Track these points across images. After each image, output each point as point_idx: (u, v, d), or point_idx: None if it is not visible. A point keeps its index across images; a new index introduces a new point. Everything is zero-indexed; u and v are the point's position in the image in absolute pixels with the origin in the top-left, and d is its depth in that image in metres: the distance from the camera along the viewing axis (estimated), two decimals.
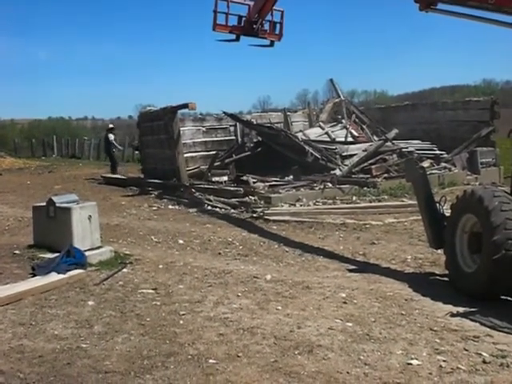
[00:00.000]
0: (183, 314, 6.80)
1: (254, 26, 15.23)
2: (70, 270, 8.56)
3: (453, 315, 6.62)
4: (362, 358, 5.42)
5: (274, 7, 15.04)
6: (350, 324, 6.40)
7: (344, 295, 7.52)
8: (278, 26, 15.84)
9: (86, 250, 9.33)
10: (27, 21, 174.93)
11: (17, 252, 10.06)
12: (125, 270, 9.06)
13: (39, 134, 58.21)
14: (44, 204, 10.24)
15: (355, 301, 7.29)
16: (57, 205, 9.90)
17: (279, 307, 7.05)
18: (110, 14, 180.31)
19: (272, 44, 15.99)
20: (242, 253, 10.46)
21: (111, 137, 27.33)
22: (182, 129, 20.56)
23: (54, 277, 8.28)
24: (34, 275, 8.50)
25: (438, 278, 8.44)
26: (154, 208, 16.53)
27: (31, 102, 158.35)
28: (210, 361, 5.40)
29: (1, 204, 14.48)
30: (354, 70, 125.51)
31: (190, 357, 5.50)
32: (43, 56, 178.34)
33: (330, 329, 6.24)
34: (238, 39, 15.56)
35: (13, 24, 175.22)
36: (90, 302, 7.32)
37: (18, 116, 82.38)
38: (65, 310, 7.02)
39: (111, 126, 30.43)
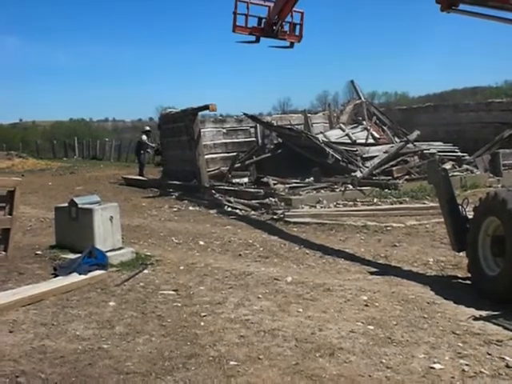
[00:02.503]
0: (204, 316, 6.80)
1: (274, 28, 15.24)
2: (91, 271, 8.62)
3: (475, 319, 6.54)
4: (383, 361, 5.38)
5: (294, 8, 15.04)
6: (371, 327, 6.36)
7: (365, 298, 7.47)
8: (297, 27, 15.83)
9: (107, 251, 9.38)
10: (48, 24, 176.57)
11: (39, 252, 10.15)
12: (146, 271, 9.09)
13: (61, 135, 58.83)
14: (66, 205, 10.32)
15: (377, 304, 7.23)
16: (79, 206, 9.97)
17: (300, 309, 7.02)
18: (130, 17, 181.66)
19: (292, 45, 15.98)
20: (263, 254, 10.43)
21: (144, 138, 27.30)
22: (202, 130, 20.61)
23: (75, 277, 8.33)
24: (56, 276, 8.58)
25: (460, 281, 8.33)
26: (175, 209, 16.59)
27: (53, 104, 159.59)
28: (231, 363, 5.38)
29: (23, 205, 14.54)
30: (375, 71, 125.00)
31: (211, 358, 5.49)
32: (64, 58, 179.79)
33: (352, 332, 6.20)
34: (257, 41, 15.58)
35: (34, 27, 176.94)
36: (112, 303, 7.35)
37: (39, 118, 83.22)
38: (86, 310, 7.06)
39: (148, 128, 29.99)
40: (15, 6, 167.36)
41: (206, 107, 18.71)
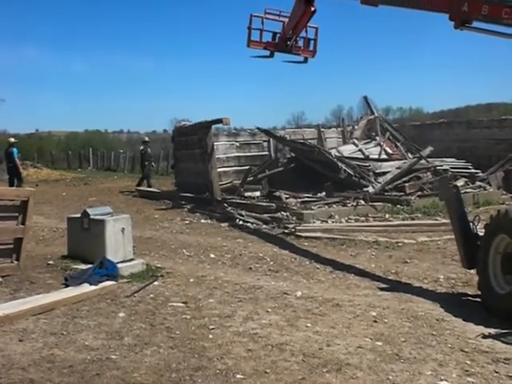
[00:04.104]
0: (212, 329, 6.82)
1: (288, 43, 15.31)
2: (102, 282, 8.66)
3: (484, 337, 6.53)
4: (390, 377, 5.37)
5: (309, 24, 15.11)
6: (379, 343, 6.35)
7: (374, 314, 7.46)
8: (312, 42, 15.90)
9: (118, 262, 9.43)
10: (65, 33, 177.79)
11: (51, 262, 10.22)
12: (156, 282, 9.13)
13: (76, 146, 59.06)
14: (79, 216, 10.39)
15: (386, 320, 7.22)
16: (91, 217, 10.04)
17: (309, 324, 7.02)
18: (146, 27, 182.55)
19: (306, 60, 16.04)
20: (273, 268, 10.45)
21: (148, 149, 27.89)
22: (215, 143, 20.71)
23: (86, 288, 8.37)
24: (67, 286, 8.63)
25: (470, 298, 8.32)
26: (187, 222, 16.64)
27: (68, 115, 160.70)
28: (238, 376, 5.40)
29: (36, 215, 14.65)
30: (390, 86, 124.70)
31: (218, 371, 5.51)
32: (80, 69, 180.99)
33: (360, 347, 6.20)
34: (272, 55, 15.65)
35: (51, 36, 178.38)
36: (121, 314, 7.39)
37: (55, 128, 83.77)
38: (96, 321, 7.10)
39: (147, 138, 30.78)
40: (33, 15, 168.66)
41: (220, 121, 18.80)
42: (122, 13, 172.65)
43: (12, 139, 26.77)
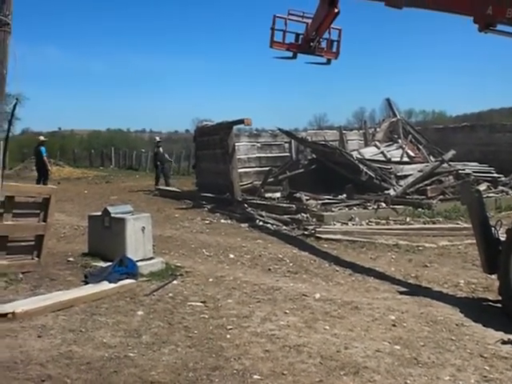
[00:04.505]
0: (230, 329, 6.82)
1: (311, 44, 15.28)
2: (121, 280, 8.69)
3: (504, 342, 6.44)
4: (408, 382, 5.33)
5: (332, 25, 15.07)
6: (397, 347, 6.30)
7: (393, 317, 7.41)
8: (335, 44, 15.86)
9: (138, 261, 9.47)
10: (87, 32, 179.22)
11: (71, 259, 10.30)
12: (175, 281, 9.16)
13: (98, 144, 59.53)
14: (99, 214, 10.46)
15: (405, 324, 7.17)
16: (112, 215, 10.10)
17: (327, 327, 6.99)
18: (169, 27, 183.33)
19: (329, 62, 16.00)
20: (292, 270, 10.42)
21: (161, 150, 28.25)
22: (236, 144, 20.75)
23: (105, 285, 8.42)
24: (87, 283, 8.69)
25: (490, 303, 8.21)
26: (207, 221, 16.68)
27: (91, 114, 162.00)
28: (255, 376, 5.39)
29: (58, 212, 14.80)
30: (413, 89, 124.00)
31: (235, 371, 5.50)
32: (101, 68, 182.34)
33: (378, 351, 6.16)
34: (294, 57, 15.64)
35: (74, 36, 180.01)
36: (140, 312, 7.42)
37: (77, 127, 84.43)
38: (114, 318, 7.13)
39: (158, 139, 31.08)
40: (55, 15, 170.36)
41: (241, 121, 18.82)
42: (144, 11, 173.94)
43: (42, 138, 27.03)
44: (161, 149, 28.51)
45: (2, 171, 8.53)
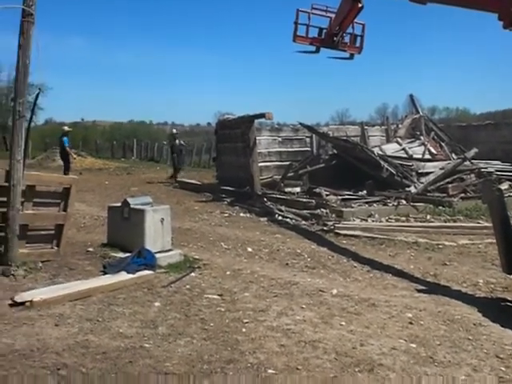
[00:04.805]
0: (246, 322, 6.81)
1: (335, 39, 15.26)
2: (139, 271, 8.72)
3: None
4: (423, 380, 5.29)
5: (356, 20, 15.00)
6: (413, 345, 6.26)
7: (410, 315, 7.36)
8: (358, 38, 15.80)
9: (156, 252, 9.51)
10: (112, 24, 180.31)
11: (90, 249, 10.36)
12: (193, 274, 9.18)
13: (120, 136, 59.94)
14: (119, 205, 10.51)
15: (421, 322, 7.12)
16: (131, 206, 10.14)
17: (343, 323, 6.97)
18: (192, 20, 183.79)
19: (352, 57, 15.96)
20: (310, 265, 10.40)
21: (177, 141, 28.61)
22: (258, 138, 20.74)
23: (123, 276, 8.46)
24: (105, 273, 8.73)
25: (509, 304, 8.12)
26: (226, 215, 16.71)
27: (114, 105, 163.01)
28: (269, 371, 5.38)
29: (79, 202, 14.90)
30: (437, 85, 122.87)
31: (249, 365, 5.50)
32: (126, 59, 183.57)
33: (393, 348, 6.12)
34: (317, 51, 15.62)
35: (99, 27, 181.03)
36: (157, 304, 7.44)
37: (100, 118, 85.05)
38: (131, 309, 7.16)
39: (175, 131, 31.17)
40: (80, 5, 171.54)
41: (263, 115, 18.82)
42: (169, 4, 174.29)
43: (66, 128, 27.19)
44: (177, 141, 28.58)
45: (23, 160, 8.63)
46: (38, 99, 8.68)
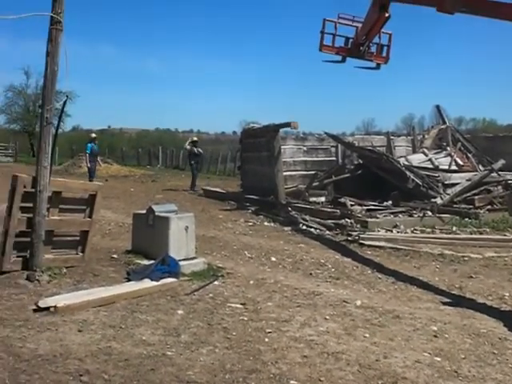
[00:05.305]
0: (269, 332, 6.78)
1: (361, 48, 15.23)
2: (163, 278, 8.73)
3: None
4: None
5: (382, 30, 14.96)
6: (438, 359, 6.18)
7: (435, 328, 7.27)
8: (385, 48, 15.75)
9: (180, 260, 9.51)
10: (141, 32, 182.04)
11: (114, 256, 10.40)
12: (216, 282, 9.17)
13: (146, 143, 60.34)
14: (144, 212, 10.56)
15: (446, 335, 7.03)
16: (156, 213, 10.18)
17: (367, 334, 6.90)
18: (220, 29, 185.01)
19: (378, 67, 15.92)
20: (334, 275, 10.34)
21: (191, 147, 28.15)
22: (282, 147, 20.71)
23: (147, 283, 8.48)
24: (129, 280, 8.76)
25: None
26: (250, 223, 16.70)
27: (140, 113, 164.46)
28: (292, 382, 5.34)
29: (104, 209, 15.00)
30: (463, 95, 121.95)
31: (271, 376, 5.46)
32: (153, 67, 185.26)
33: (417, 362, 6.04)
34: (343, 60, 15.61)
35: (128, 35, 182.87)
36: (180, 311, 7.44)
37: (127, 125, 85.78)
38: (154, 316, 7.17)
39: (195, 138, 30.71)
40: (110, 14, 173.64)
41: (288, 124, 18.82)
42: (197, 13, 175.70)
43: (93, 134, 27.38)
44: (195, 149, 28.13)
45: (50, 167, 8.71)
46: (66, 106, 8.72)
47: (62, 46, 8.55)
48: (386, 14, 13.29)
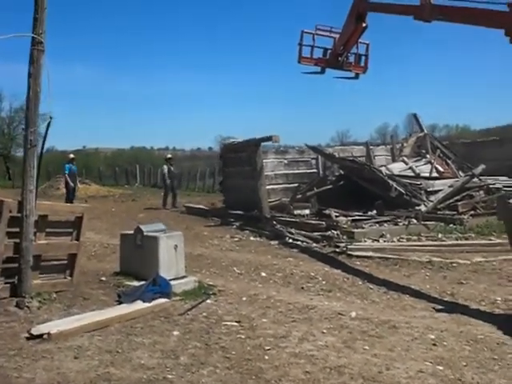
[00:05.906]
0: (268, 349, 6.69)
1: (340, 59, 15.31)
2: (155, 299, 8.61)
3: None
4: None
5: (360, 40, 15.07)
6: (440, 367, 6.14)
7: (433, 337, 7.24)
8: (363, 58, 15.86)
9: (171, 280, 9.40)
10: (113, 51, 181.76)
11: (103, 278, 10.24)
12: (208, 300, 9.06)
13: (122, 162, 60.00)
14: (131, 232, 10.43)
15: (445, 343, 7.00)
16: (144, 233, 10.07)
17: (366, 346, 6.85)
18: (190, 45, 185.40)
19: (357, 76, 16.01)
20: (326, 288, 10.29)
21: (165, 168, 27.87)
22: (264, 161, 20.68)
23: (139, 305, 8.35)
24: (120, 302, 8.63)
25: None
26: (236, 239, 16.61)
27: (115, 132, 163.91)
28: None
29: (88, 230, 14.68)
30: (434, 103, 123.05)
31: None
32: (125, 86, 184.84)
33: (420, 371, 6.00)
34: (323, 72, 15.70)
35: (99, 54, 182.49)
36: (175, 332, 7.32)
37: (102, 145, 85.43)
38: (150, 338, 7.04)
39: (169, 155, 30.73)
40: (82, 34, 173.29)
41: (269, 138, 18.79)
42: (169, 31, 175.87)
43: (71, 155, 27.47)
44: (171, 167, 27.88)
45: (35, 190, 8.56)
46: (49, 128, 8.58)
47: (45, 67, 8.43)
48: (364, 24, 13.41)
